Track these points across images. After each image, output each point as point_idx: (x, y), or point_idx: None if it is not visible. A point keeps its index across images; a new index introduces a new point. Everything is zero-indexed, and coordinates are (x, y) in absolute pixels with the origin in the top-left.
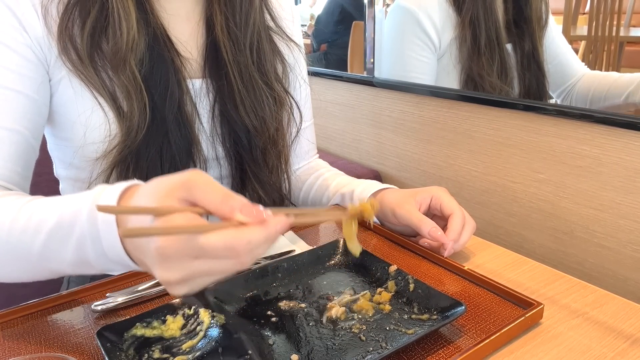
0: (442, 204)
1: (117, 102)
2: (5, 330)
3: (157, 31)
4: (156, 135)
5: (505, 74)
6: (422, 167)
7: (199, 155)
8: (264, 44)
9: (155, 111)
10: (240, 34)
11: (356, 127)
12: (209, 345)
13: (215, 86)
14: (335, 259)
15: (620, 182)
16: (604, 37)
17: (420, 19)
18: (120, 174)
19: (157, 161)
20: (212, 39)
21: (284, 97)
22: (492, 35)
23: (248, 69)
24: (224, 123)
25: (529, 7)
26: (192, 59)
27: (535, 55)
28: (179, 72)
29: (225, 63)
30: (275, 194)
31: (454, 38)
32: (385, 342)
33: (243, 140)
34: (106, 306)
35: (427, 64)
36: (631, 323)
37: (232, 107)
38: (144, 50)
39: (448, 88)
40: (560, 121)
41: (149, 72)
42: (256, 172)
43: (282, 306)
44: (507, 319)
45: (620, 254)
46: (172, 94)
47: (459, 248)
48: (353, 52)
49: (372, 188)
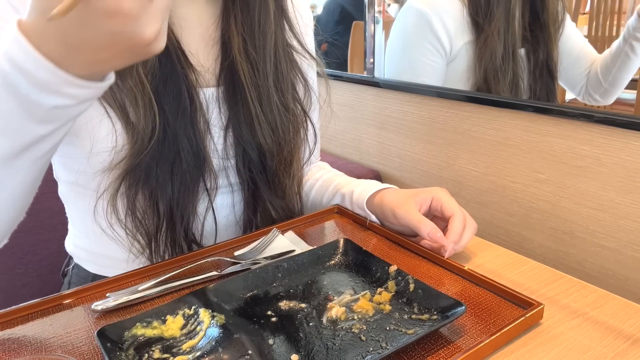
0: (442, 204)
1: (125, 112)
2: (5, 330)
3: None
4: (167, 150)
5: (516, 87)
6: (422, 167)
7: (210, 175)
8: (282, 63)
9: (167, 125)
10: (259, 56)
11: (356, 127)
12: (209, 345)
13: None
14: (335, 259)
15: (620, 182)
16: (604, 37)
17: (433, 22)
18: (130, 187)
19: (167, 177)
20: (229, 63)
21: (301, 120)
22: (510, 48)
23: (268, 90)
24: (237, 145)
25: (545, 13)
26: (205, 69)
27: (548, 61)
28: (191, 87)
29: (243, 87)
30: (286, 214)
31: (467, 43)
32: (385, 342)
33: (256, 163)
34: (106, 306)
35: (437, 69)
36: (631, 323)
37: (248, 129)
38: (154, 60)
39: (449, 88)
40: (560, 121)
41: (160, 83)
42: (270, 197)
43: (282, 306)
44: (507, 319)
45: (620, 254)
46: (184, 109)
47: (460, 249)
48: (353, 52)
49: (371, 188)
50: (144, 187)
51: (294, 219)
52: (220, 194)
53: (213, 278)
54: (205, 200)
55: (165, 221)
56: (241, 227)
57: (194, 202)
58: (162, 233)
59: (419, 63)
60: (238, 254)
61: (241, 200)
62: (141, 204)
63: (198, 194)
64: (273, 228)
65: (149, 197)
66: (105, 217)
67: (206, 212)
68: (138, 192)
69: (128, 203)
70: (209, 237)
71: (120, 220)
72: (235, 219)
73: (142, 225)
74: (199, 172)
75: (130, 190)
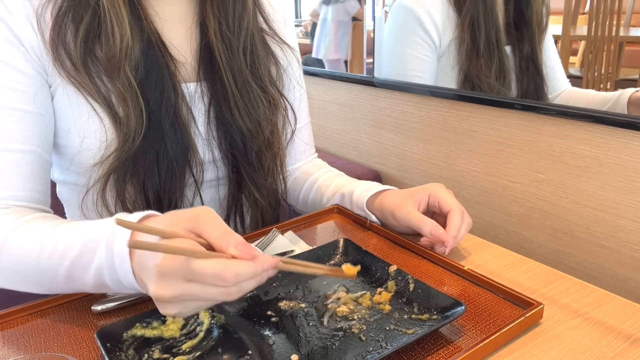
0: (440, 200)
1: (112, 108)
2: (5, 330)
3: (151, 37)
4: (153, 140)
5: (503, 76)
6: (422, 167)
7: (195, 159)
8: (258, 47)
9: (152, 116)
10: (234, 37)
11: (356, 127)
12: (209, 345)
13: (209, 90)
14: (335, 259)
15: (620, 182)
16: (603, 37)
17: (422, 17)
18: (118, 179)
19: (154, 166)
20: (205, 43)
21: (278, 100)
22: (492, 37)
23: (242, 72)
24: (219, 126)
25: (529, 10)
26: (187, 63)
27: (534, 58)
28: (174, 77)
29: (219, 67)
30: (272, 196)
31: (454, 38)
32: (385, 342)
33: (238, 143)
34: (106, 306)
35: (428, 63)
36: (631, 323)
37: (226, 110)
38: (139, 56)
39: (448, 88)
40: (560, 121)
41: (144, 77)
42: (252, 174)
43: (282, 306)
44: (507, 319)
45: (620, 254)
46: (167, 98)
47: (455, 244)
48: (353, 52)
49: (371, 190)
50: (133, 177)
51: (294, 219)
52: (205, 177)
53: None
54: (192, 185)
55: (155, 208)
56: (225, 208)
57: (181, 187)
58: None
59: (410, 57)
60: None
61: (226, 179)
62: (130, 194)
63: (185, 179)
64: (273, 228)
65: (138, 186)
66: (96, 209)
67: (194, 197)
68: (127, 183)
69: (117, 194)
70: None
71: (110, 213)
72: (219, 200)
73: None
74: (185, 158)
75: (119, 182)
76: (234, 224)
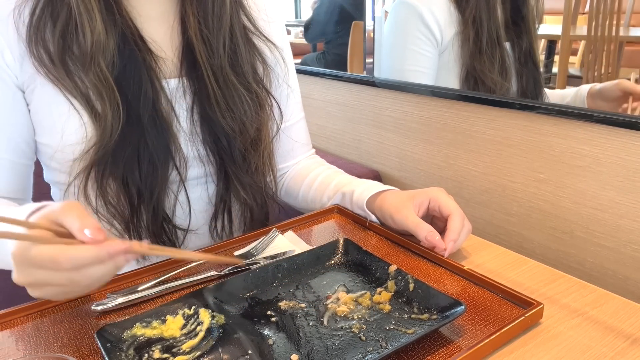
0: (440, 205)
1: (90, 104)
2: (5, 330)
3: (126, 31)
4: (131, 134)
5: (505, 71)
6: (422, 167)
7: (178, 154)
8: (240, 46)
9: (130, 111)
10: (213, 36)
11: (356, 127)
12: (209, 345)
13: (192, 87)
14: (335, 259)
15: (620, 182)
16: (603, 36)
17: (423, 13)
18: (98, 174)
19: (134, 160)
20: (187, 41)
21: (264, 98)
22: (494, 34)
23: (223, 70)
24: (203, 124)
25: (525, 7)
26: (168, 59)
27: (531, 53)
28: (151, 71)
29: (200, 65)
30: (259, 195)
31: (456, 34)
32: (385, 342)
33: (223, 142)
34: (106, 306)
35: (429, 58)
36: (631, 323)
37: (209, 108)
38: (114, 50)
39: (448, 88)
40: (560, 121)
41: (121, 72)
42: (237, 173)
43: (282, 306)
44: (507, 318)
45: (620, 254)
46: (145, 93)
47: (455, 248)
48: (353, 52)
49: (371, 190)
50: (113, 171)
51: (294, 218)
52: (191, 174)
53: (213, 278)
54: (178, 182)
55: (137, 203)
56: (213, 205)
57: (164, 182)
58: (136, 216)
59: (412, 53)
60: (238, 254)
61: (214, 177)
62: (113, 189)
63: (167, 174)
64: (273, 228)
65: (118, 181)
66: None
67: (178, 191)
68: (107, 178)
69: (99, 190)
70: (184, 217)
71: (93, 209)
72: (208, 197)
73: (117, 210)
74: (167, 152)
75: (100, 177)
76: (221, 222)
